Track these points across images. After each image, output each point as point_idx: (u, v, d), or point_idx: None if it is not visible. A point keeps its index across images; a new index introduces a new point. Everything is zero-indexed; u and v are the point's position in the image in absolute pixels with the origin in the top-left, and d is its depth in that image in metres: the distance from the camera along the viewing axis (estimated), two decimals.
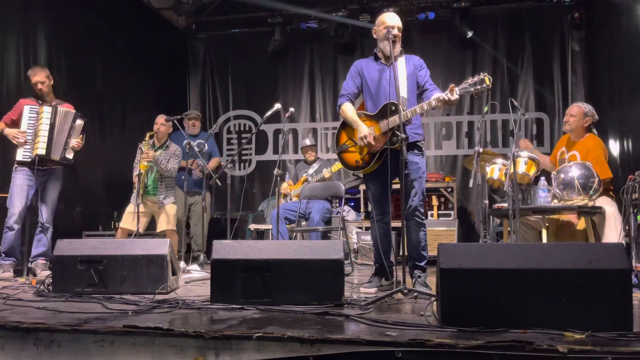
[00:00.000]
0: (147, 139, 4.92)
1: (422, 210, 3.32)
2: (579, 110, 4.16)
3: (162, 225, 4.97)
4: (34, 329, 2.11)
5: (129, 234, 4.84)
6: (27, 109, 4.33)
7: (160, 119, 5.07)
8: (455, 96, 3.08)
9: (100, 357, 2.05)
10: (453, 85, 3.12)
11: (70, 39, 5.63)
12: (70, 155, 4.48)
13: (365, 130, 3.27)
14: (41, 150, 4.29)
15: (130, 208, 4.87)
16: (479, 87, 3.07)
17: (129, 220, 4.84)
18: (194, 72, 8.02)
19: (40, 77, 4.38)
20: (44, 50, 5.30)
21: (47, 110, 4.35)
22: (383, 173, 3.24)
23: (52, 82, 4.47)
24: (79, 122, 4.51)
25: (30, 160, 4.29)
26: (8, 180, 4.36)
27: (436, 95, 3.17)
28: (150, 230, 5.15)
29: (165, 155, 4.96)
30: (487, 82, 3.05)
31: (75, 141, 4.47)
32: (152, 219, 5.06)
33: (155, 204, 4.94)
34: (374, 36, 3.41)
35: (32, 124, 4.32)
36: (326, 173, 5.47)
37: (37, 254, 4.36)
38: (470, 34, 6.78)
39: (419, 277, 3.27)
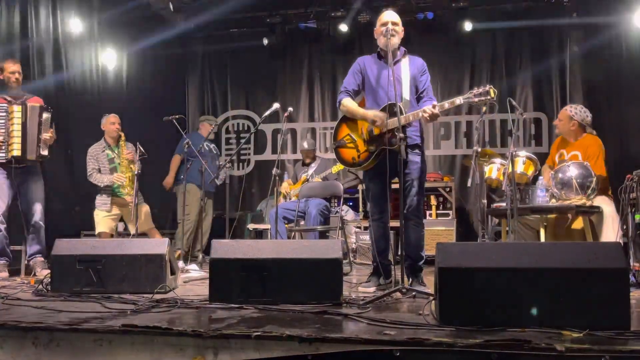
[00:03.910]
0: (122, 141, 4.94)
1: (422, 210, 3.32)
2: (565, 115, 4.20)
3: (143, 225, 4.95)
4: (33, 328, 2.11)
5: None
6: None
7: (116, 118, 5.04)
8: (436, 111, 3.12)
9: (99, 356, 2.05)
10: (435, 103, 3.17)
11: (65, 39, 5.62)
12: (45, 152, 4.37)
13: (371, 113, 3.30)
14: (16, 151, 4.19)
15: (102, 213, 4.87)
16: (483, 98, 3.07)
17: (106, 224, 4.84)
18: (192, 72, 8.01)
19: (17, 67, 4.33)
20: (41, 47, 5.29)
21: (17, 109, 4.22)
22: (381, 172, 3.25)
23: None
24: (46, 116, 4.36)
25: (5, 161, 4.19)
26: None
27: (424, 107, 3.20)
28: (127, 231, 5.13)
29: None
30: (492, 95, 3.05)
31: (48, 135, 4.36)
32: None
33: (126, 206, 4.91)
34: (375, 36, 3.43)
35: (2, 123, 4.21)
36: (317, 178, 5.48)
37: (33, 252, 4.33)
38: (469, 26, 6.75)
39: (416, 276, 3.27)
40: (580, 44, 6.77)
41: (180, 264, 4.52)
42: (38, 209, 4.34)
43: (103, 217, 4.87)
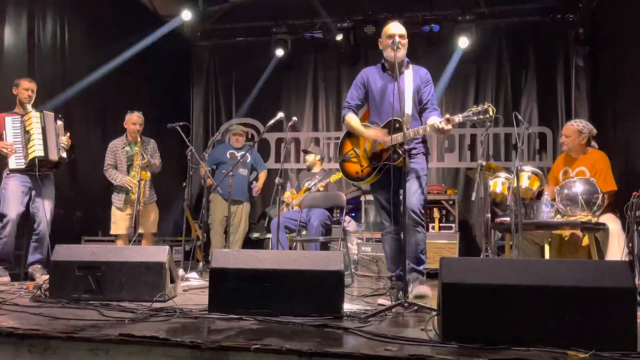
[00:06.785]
0: (138, 147, 4.92)
1: (423, 211, 3.27)
2: (573, 130, 4.15)
3: (145, 227, 4.94)
4: (29, 335, 2.08)
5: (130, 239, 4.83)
6: (9, 121, 4.30)
7: (139, 119, 5.02)
8: (448, 127, 3.09)
9: None
10: (448, 115, 3.12)
11: (74, 45, 5.65)
12: (64, 154, 4.50)
13: (373, 133, 3.28)
14: (39, 152, 4.27)
15: (119, 213, 4.88)
16: (482, 116, 3.07)
17: (123, 225, 4.84)
18: (197, 80, 8.04)
19: (32, 85, 4.42)
20: (48, 55, 5.31)
21: (35, 115, 4.33)
22: (387, 183, 3.22)
23: None
24: (60, 123, 4.52)
25: (24, 166, 4.26)
26: None
27: (431, 121, 3.17)
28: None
29: (146, 152, 4.97)
30: (491, 113, 3.06)
31: (64, 139, 4.49)
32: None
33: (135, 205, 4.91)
34: (380, 47, 3.41)
35: (17, 133, 4.29)
36: (320, 186, 5.46)
37: (33, 260, 4.32)
38: (475, 40, 6.74)
39: (416, 279, 3.20)
40: (586, 59, 6.77)
41: (181, 272, 4.49)
42: (46, 218, 4.35)
43: (120, 217, 4.86)
